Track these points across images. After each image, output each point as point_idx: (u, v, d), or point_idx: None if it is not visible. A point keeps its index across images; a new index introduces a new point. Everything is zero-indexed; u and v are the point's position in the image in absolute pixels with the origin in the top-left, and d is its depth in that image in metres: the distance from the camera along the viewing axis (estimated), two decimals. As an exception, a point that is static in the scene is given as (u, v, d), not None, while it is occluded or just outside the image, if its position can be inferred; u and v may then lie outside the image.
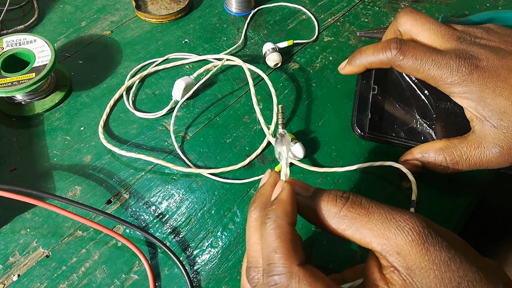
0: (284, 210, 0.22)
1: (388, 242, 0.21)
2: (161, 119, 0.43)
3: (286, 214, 0.22)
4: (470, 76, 0.31)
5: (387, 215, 0.21)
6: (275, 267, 0.20)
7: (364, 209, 0.22)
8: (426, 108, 0.39)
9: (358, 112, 0.39)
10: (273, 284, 0.20)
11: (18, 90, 0.40)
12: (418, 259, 0.20)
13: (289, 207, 0.22)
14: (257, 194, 0.25)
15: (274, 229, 0.21)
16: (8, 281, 0.33)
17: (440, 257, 0.20)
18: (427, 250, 0.20)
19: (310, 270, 0.20)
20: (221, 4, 0.55)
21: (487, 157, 0.31)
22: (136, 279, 0.33)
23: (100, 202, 0.37)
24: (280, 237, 0.21)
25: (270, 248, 0.21)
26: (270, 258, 0.21)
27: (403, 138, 0.38)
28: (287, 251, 0.20)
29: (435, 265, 0.20)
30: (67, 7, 0.55)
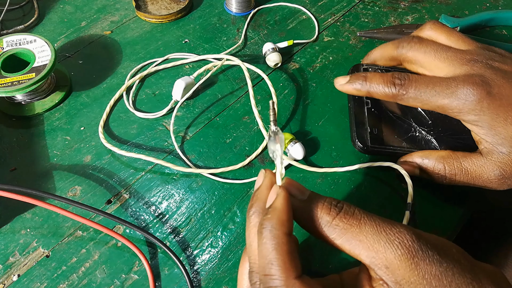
0: (279, 220, 0.21)
1: (377, 255, 0.20)
2: (161, 119, 0.43)
3: (281, 224, 0.21)
4: (480, 105, 0.29)
5: (378, 228, 0.21)
6: (271, 279, 0.20)
7: (356, 220, 0.21)
8: (421, 116, 0.40)
9: (357, 127, 0.39)
10: None
11: (18, 90, 0.40)
12: (407, 274, 0.20)
13: (285, 216, 0.22)
14: (254, 198, 0.24)
15: (270, 240, 0.21)
16: (8, 281, 0.33)
17: (431, 272, 0.19)
18: (416, 264, 0.20)
19: (307, 283, 0.20)
20: (221, 4, 0.55)
21: (487, 176, 0.31)
22: (136, 279, 0.33)
23: (100, 202, 0.37)
24: (276, 249, 0.20)
25: (266, 259, 0.21)
26: (267, 269, 0.20)
27: (406, 147, 0.38)
28: (283, 263, 0.20)
29: (425, 280, 0.19)
30: (67, 7, 0.55)
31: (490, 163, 0.30)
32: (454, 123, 0.39)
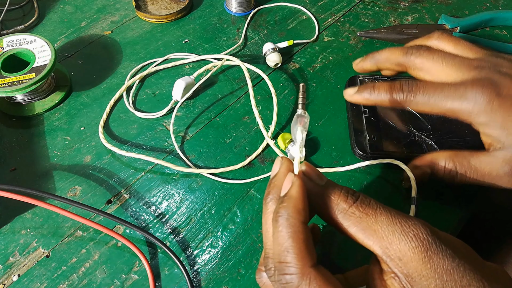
0: (295, 208, 0.21)
1: (391, 246, 0.20)
2: (161, 119, 0.43)
3: (298, 212, 0.21)
4: (491, 105, 0.29)
5: (393, 219, 0.21)
6: (287, 267, 0.20)
7: (372, 209, 0.21)
8: (419, 121, 0.41)
9: (356, 135, 0.40)
10: (284, 283, 0.20)
11: (18, 90, 0.40)
12: (420, 267, 0.20)
13: (301, 204, 0.22)
14: (272, 185, 0.24)
15: (286, 228, 0.21)
16: (8, 281, 0.33)
17: (443, 266, 0.20)
18: (429, 258, 0.20)
19: (321, 272, 0.20)
20: (221, 4, 0.55)
21: (496, 173, 0.30)
22: (136, 279, 0.33)
23: (100, 202, 0.37)
24: (292, 237, 0.21)
25: (282, 247, 0.21)
26: (282, 257, 0.20)
27: (406, 152, 0.38)
28: (299, 251, 0.20)
29: (437, 274, 0.19)
30: (67, 7, 0.55)
31: (499, 160, 0.30)
32: (454, 126, 0.40)
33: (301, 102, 0.25)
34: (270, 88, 0.43)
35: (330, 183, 0.23)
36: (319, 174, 0.23)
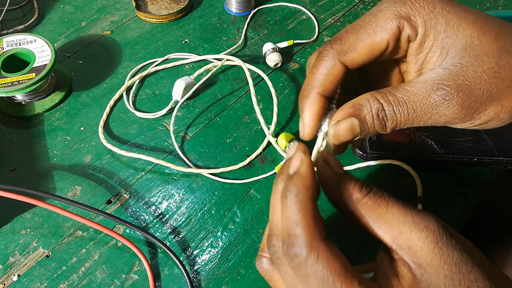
0: (304, 184, 0.22)
1: (401, 235, 0.21)
2: (161, 119, 0.43)
3: (306, 189, 0.22)
4: None
5: (404, 210, 0.21)
6: (296, 240, 0.20)
7: (384, 201, 0.22)
8: None
9: None
10: (293, 255, 0.21)
11: (18, 90, 0.40)
12: (430, 257, 0.20)
13: (309, 181, 0.22)
14: (284, 166, 0.24)
15: (295, 203, 0.21)
16: (8, 281, 0.33)
17: (452, 258, 0.20)
18: (440, 249, 0.20)
19: (330, 247, 0.20)
20: (221, 4, 0.55)
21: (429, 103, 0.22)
22: (136, 279, 0.33)
23: (100, 202, 0.37)
24: (301, 211, 0.21)
25: (291, 221, 0.21)
26: (291, 231, 0.21)
27: (405, 152, 0.38)
28: (308, 225, 0.20)
29: (446, 265, 0.20)
30: (67, 7, 0.55)
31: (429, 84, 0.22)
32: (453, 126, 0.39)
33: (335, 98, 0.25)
34: (270, 88, 0.43)
35: (347, 173, 0.23)
36: (338, 163, 0.24)
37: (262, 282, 0.33)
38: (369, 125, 0.24)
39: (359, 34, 0.23)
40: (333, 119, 0.25)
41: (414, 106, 0.23)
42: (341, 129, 0.24)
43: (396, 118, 0.23)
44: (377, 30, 0.22)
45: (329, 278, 0.20)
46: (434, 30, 0.22)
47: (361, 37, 0.23)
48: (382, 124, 0.24)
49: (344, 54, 0.23)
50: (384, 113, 0.23)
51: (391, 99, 0.23)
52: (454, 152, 0.38)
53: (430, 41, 0.22)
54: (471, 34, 0.21)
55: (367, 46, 0.23)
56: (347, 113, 0.24)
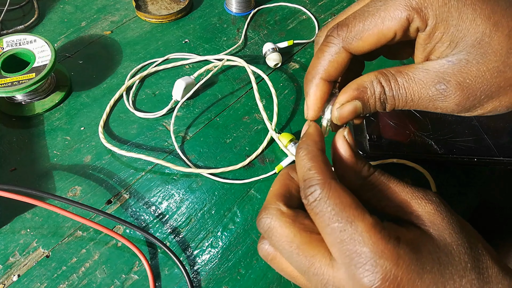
0: (313, 140, 0.24)
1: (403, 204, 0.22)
2: (161, 119, 0.43)
3: (315, 143, 0.24)
4: None
5: (404, 186, 0.23)
6: (310, 181, 0.22)
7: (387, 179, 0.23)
8: (419, 121, 0.41)
9: (356, 135, 0.40)
10: (309, 194, 0.22)
11: (18, 90, 0.40)
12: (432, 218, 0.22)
13: (317, 137, 0.25)
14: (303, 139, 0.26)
15: (307, 154, 0.23)
16: (8, 281, 0.33)
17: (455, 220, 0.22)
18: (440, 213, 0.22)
19: (341, 185, 0.22)
20: (221, 4, 0.55)
21: (428, 95, 0.23)
22: (136, 279, 0.33)
23: (100, 202, 0.37)
24: (313, 159, 0.23)
25: (305, 168, 0.23)
26: (306, 175, 0.22)
27: (406, 152, 0.38)
28: (320, 168, 0.22)
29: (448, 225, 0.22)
30: (67, 7, 0.55)
31: (431, 75, 0.23)
32: (454, 126, 0.40)
33: None
34: (270, 88, 0.43)
35: (358, 153, 0.25)
36: (354, 142, 0.25)
37: (262, 282, 0.33)
38: (371, 107, 0.25)
39: (367, 23, 0.23)
40: (337, 101, 0.26)
41: (413, 94, 0.23)
42: (345, 112, 0.25)
43: (395, 103, 0.24)
44: (386, 20, 0.22)
45: (342, 209, 0.21)
46: (445, 23, 0.22)
47: (368, 26, 0.23)
48: (382, 106, 0.25)
49: (350, 42, 0.24)
50: (385, 96, 0.24)
51: (393, 84, 0.24)
52: (454, 152, 0.38)
53: (439, 33, 0.22)
54: (483, 30, 0.21)
55: (374, 36, 0.23)
56: (351, 96, 0.25)
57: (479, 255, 0.20)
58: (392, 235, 0.20)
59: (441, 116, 0.41)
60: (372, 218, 0.20)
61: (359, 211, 0.20)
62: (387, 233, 0.20)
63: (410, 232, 0.21)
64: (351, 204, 0.21)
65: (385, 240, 0.19)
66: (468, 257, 0.20)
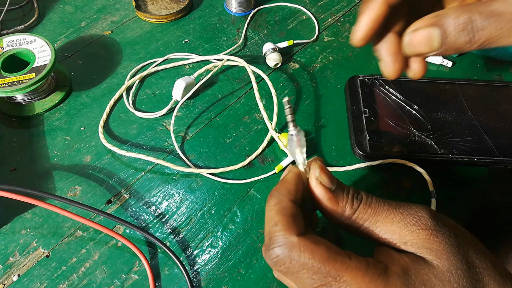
0: (286, 188, 0.23)
1: (393, 236, 0.21)
2: (161, 119, 0.43)
3: (288, 192, 0.22)
4: None
5: (394, 211, 0.22)
6: (276, 239, 0.21)
7: (374, 209, 0.22)
8: (419, 121, 0.41)
9: (356, 135, 0.40)
10: (275, 257, 0.20)
11: (18, 90, 0.40)
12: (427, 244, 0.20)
13: (292, 186, 0.23)
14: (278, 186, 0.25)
15: (275, 205, 0.22)
16: (8, 281, 0.33)
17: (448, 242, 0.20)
18: (435, 236, 0.20)
19: (310, 238, 0.20)
20: (221, 4, 0.55)
21: None
22: (136, 279, 0.33)
23: (100, 202, 0.37)
24: (281, 211, 0.21)
25: (271, 222, 0.21)
26: (271, 231, 0.21)
27: (406, 152, 0.38)
28: (286, 223, 0.21)
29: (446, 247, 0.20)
30: (67, 7, 0.55)
31: None
32: (454, 126, 0.40)
33: (290, 120, 0.24)
34: (270, 88, 0.43)
35: (337, 188, 0.23)
36: (330, 178, 0.23)
37: (262, 282, 0.33)
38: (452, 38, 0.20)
39: None
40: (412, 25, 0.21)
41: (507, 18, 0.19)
42: (417, 37, 0.21)
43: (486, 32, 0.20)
44: None
45: (319, 266, 0.20)
46: None
47: None
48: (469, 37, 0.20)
49: None
50: (472, 25, 0.20)
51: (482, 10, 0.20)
52: (454, 152, 0.38)
53: None
54: None
55: None
56: (428, 22, 0.21)
57: (477, 274, 0.20)
58: (380, 270, 0.20)
59: (441, 116, 0.41)
60: (355, 261, 0.20)
61: (338, 262, 0.20)
62: (373, 271, 0.19)
63: (403, 257, 0.21)
64: (328, 257, 0.20)
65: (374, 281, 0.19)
66: (466, 279, 0.20)
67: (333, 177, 0.23)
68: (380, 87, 0.43)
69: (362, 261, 0.20)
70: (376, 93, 0.43)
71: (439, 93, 0.43)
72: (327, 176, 0.23)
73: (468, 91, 0.43)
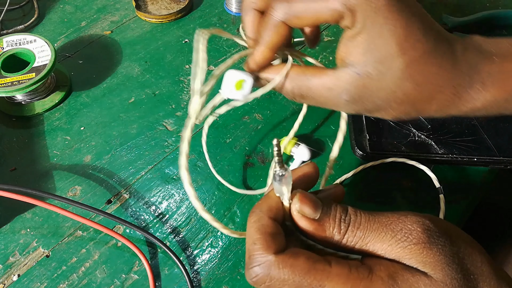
0: (268, 205, 0.22)
1: (386, 252, 0.21)
2: (161, 119, 0.43)
3: (269, 209, 0.22)
4: None
5: (384, 228, 0.21)
6: (254, 257, 0.20)
7: (363, 229, 0.22)
8: (419, 121, 0.41)
9: (356, 135, 0.40)
10: (254, 276, 0.20)
11: (18, 90, 0.40)
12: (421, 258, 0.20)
13: (274, 203, 0.23)
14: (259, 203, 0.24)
15: (255, 222, 0.22)
16: (8, 281, 0.33)
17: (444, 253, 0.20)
18: (429, 249, 0.20)
19: (289, 253, 0.20)
20: (221, 4, 0.55)
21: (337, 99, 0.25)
22: (136, 279, 0.33)
23: (100, 202, 0.37)
24: (259, 229, 0.21)
25: (250, 240, 0.21)
26: (250, 249, 0.21)
27: (405, 152, 0.38)
28: (265, 242, 0.21)
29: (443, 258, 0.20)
30: (67, 7, 0.55)
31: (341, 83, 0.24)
32: (454, 126, 0.40)
33: (277, 161, 0.23)
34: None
35: (323, 214, 0.22)
36: (313, 207, 0.22)
37: (262, 282, 0.33)
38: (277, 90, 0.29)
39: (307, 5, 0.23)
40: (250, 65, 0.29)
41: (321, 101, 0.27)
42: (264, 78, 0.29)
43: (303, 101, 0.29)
44: (323, 7, 0.23)
45: (300, 280, 0.19)
46: (367, 33, 0.22)
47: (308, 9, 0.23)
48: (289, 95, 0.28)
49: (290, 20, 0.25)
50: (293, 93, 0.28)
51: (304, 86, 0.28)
52: (454, 152, 0.38)
53: (360, 39, 0.23)
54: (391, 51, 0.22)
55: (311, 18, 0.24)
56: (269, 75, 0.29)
57: (472, 281, 0.20)
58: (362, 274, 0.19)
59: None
60: (336, 268, 0.19)
61: (319, 273, 0.19)
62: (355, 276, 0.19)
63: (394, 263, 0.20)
64: (308, 269, 0.20)
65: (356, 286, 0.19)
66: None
67: (317, 204, 0.22)
68: None
69: (345, 266, 0.20)
70: None
71: None
72: (310, 207, 0.22)
73: None
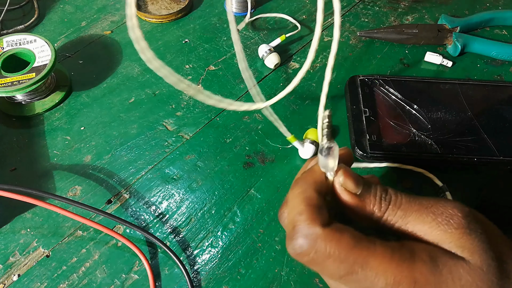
0: (313, 178, 0.22)
1: (426, 236, 0.21)
2: (161, 119, 0.43)
3: (314, 182, 0.22)
4: None
5: (425, 210, 0.21)
6: (300, 229, 0.20)
7: (404, 210, 0.21)
8: (419, 121, 0.41)
9: (356, 135, 0.40)
10: (298, 247, 0.20)
11: (18, 90, 0.40)
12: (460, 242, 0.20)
13: (319, 177, 0.22)
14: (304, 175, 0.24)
15: (300, 193, 0.21)
16: (8, 281, 0.33)
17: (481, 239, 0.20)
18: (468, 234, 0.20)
19: (334, 228, 0.20)
20: (221, 4, 0.55)
21: None
22: (136, 279, 0.33)
23: (100, 202, 0.37)
24: (305, 201, 0.21)
25: (295, 210, 0.21)
26: (295, 220, 0.21)
27: (406, 152, 0.38)
28: (311, 213, 0.20)
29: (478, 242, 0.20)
30: (67, 7, 0.55)
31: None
32: (454, 126, 0.40)
33: (326, 134, 0.23)
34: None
35: (364, 189, 0.22)
36: (355, 182, 0.22)
37: (262, 282, 0.33)
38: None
39: None
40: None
41: None
42: None
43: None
44: None
45: (346, 256, 0.19)
46: None
47: None
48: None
49: None
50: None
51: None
52: (454, 152, 0.38)
53: None
54: None
55: None
56: None
57: (506, 270, 0.20)
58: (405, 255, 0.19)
59: (441, 115, 0.41)
60: (380, 247, 0.19)
61: (363, 251, 0.19)
62: (399, 257, 0.19)
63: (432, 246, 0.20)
64: (353, 246, 0.19)
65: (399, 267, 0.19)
66: (496, 276, 0.19)
67: (359, 180, 0.22)
68: (380, 87, 0.43)
69: (388, 246, 0.20)
70: (376, 93, 0.43)
71: (439, 93, 0.43)
72: (352, 181, 0.22)
73: (468, 91, 0.43)
